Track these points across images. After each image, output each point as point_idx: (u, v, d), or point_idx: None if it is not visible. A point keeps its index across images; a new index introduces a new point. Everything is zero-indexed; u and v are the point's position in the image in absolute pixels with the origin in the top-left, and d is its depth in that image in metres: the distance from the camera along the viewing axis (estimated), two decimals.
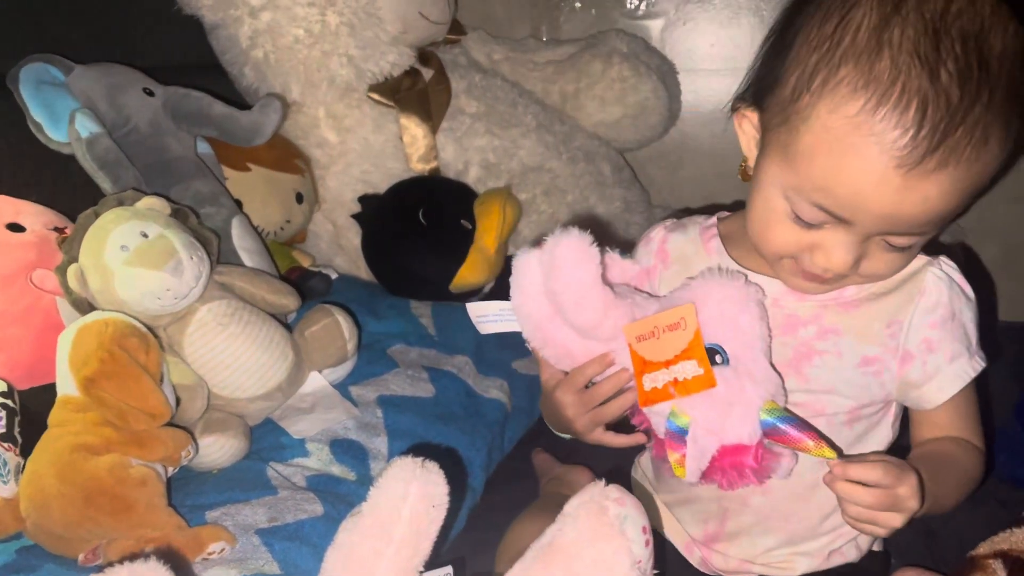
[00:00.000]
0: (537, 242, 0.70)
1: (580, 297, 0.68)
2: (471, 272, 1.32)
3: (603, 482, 0.62)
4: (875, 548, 0.83)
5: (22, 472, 0.81)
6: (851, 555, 0.80)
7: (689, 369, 0.65)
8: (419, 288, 1.33)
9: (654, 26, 1.69)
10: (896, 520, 0.64)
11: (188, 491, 0.89)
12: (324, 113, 1.41)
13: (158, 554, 0.63)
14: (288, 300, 1.06)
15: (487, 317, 0.76)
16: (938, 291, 0.71)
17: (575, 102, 1.60)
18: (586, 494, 0.62)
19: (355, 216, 1.41)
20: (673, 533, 0.85)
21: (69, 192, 1.07)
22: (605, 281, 0.69)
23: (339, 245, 1.46)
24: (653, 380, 0.66)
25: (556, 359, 0.74)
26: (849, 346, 0.71)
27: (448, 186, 1.42)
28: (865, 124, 0.58)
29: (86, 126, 1.05)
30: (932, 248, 0.73)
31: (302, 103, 1.39)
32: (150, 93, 1.17)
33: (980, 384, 0.75)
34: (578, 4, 1.72)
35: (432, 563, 0.64)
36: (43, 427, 0.82)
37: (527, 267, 0.70)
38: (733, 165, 1.69)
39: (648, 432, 0.73)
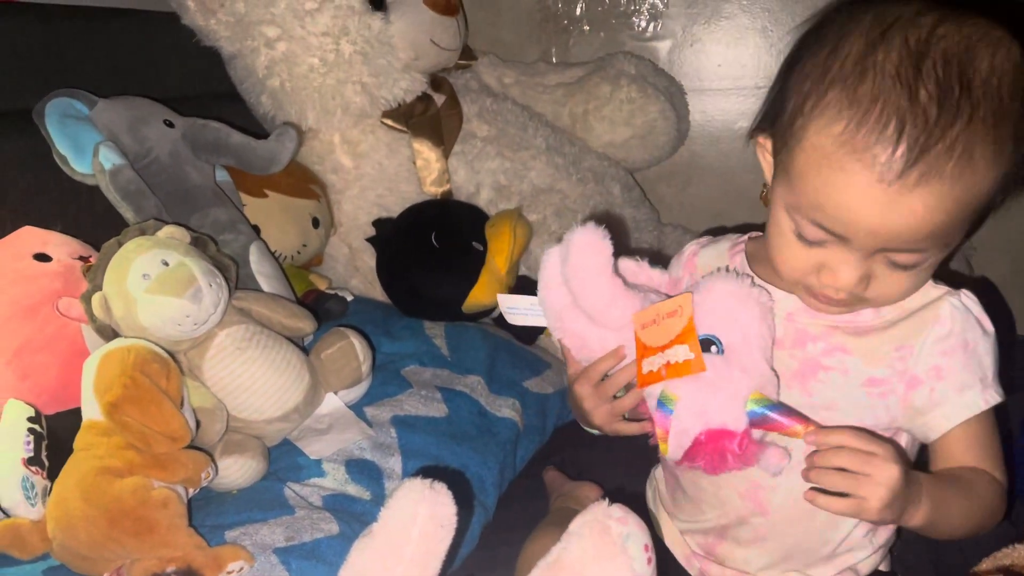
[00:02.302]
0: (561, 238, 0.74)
1: (589, 282, 0.72)
2: (483, 293, 1.34)
3: (607, 501, 0.64)
4: (882, 568, 0.84)
5: (49, 494, 0.84)
6: None
7: (681, 353, 0.68)
8: (432, 309, 1.35)
9: (661, 48, 1.72)
10: (877, 490, 0.63)
11: (208, 511, 0.91)
12: (339, 139, 1.44)
13: (179, 574, 0.66)
14: (304, 324, 1.09)
15: (517, 309, 0.81)
16: (952, 320, 0.71)
17: (584, 124, 1.63)
18: (590, 513, 0.64)
19: (370, 239, 1.44)
20: (674, 544, 0.86)
21: (93, 222, 1.10)
22: (620, 275, 0.73)
23: (355, 267, 1.49)
24: (650, 364, 0.70)
25: (576, 350, 0.78)
26: (856, 365, 0.72)
27: (460, 208, 1.44)
28: (848, 143, 0.61)
29: (109, 158, 1.08)
30: (948, 277, 0.74)
31: (317, 129, 1.43)
32: (170, 124, 1.20)
33: (1000, 418, 0.74)
34: (586, 27, 1.74)
35: None
36: (69, 451, 0.85)
37: (549, 258, 0.75)
38: (741, 183, 1.73)
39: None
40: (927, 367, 0.71)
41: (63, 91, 1.13)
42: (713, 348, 0.68)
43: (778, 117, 0.69)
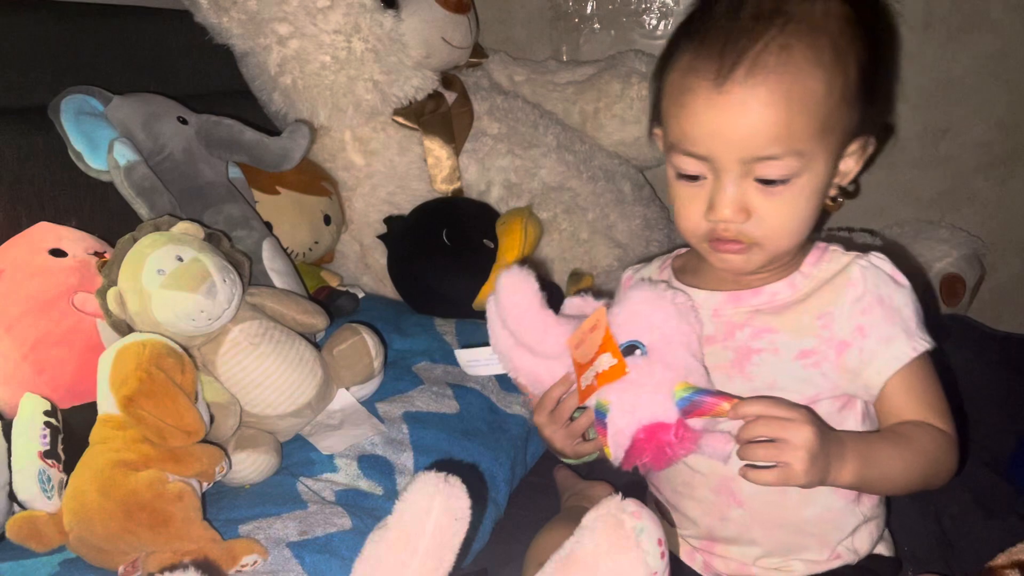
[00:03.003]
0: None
1: (521, 318, 0.77)
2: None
3: (620, 496, 0.65)
4: (884, 552, 0.84)
5: (65, 487, 0.84)
6: (849, 558, 0.81)
7: (606, 361, 0.72)
8: (443, 306, 1.36)
9: None
10: (796, 452, 0.65)
11: (222, 506, 0.92)
12: (350, 136, 1.44)
13: (194, 566, 0.66)
14: (317, 320, 1.09)
15: (477, 361, 0.87)
16: (864, 279, 0.75)
17: (595, 122, 1.63)
18: (603, 507, 0.64)
19: (381, 236, 1.45)
20: (674, 546, 0.87)
21: (108, 218, 1.11)
22: (549, 307, 0.78)
23: (366, 265, 1.49)
24: (585, 379, 0.73)
25: (531, 386, 0.82)
26: (785, 342, 0.76)
27: (471, 206, 1.45)
28: (690, 67, 0.71)
29: (124, 154, 1.09)
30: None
31: (329, 127, 1.43)
32: (184, 121, 1.21)
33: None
34: (597, 26, 1.75)
35: (456, 574, 0.67)
36: (85, 444, 0.85)
37: (489, 307, 0.80)
38: None
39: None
40: (851, 328, 0.74)
41: (78, 88, 1.14)
42: (637, 351, 0.72)
43: (657, 103, 0.78)
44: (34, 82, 1.13)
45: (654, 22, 1.72)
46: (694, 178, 0.73)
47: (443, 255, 1.35)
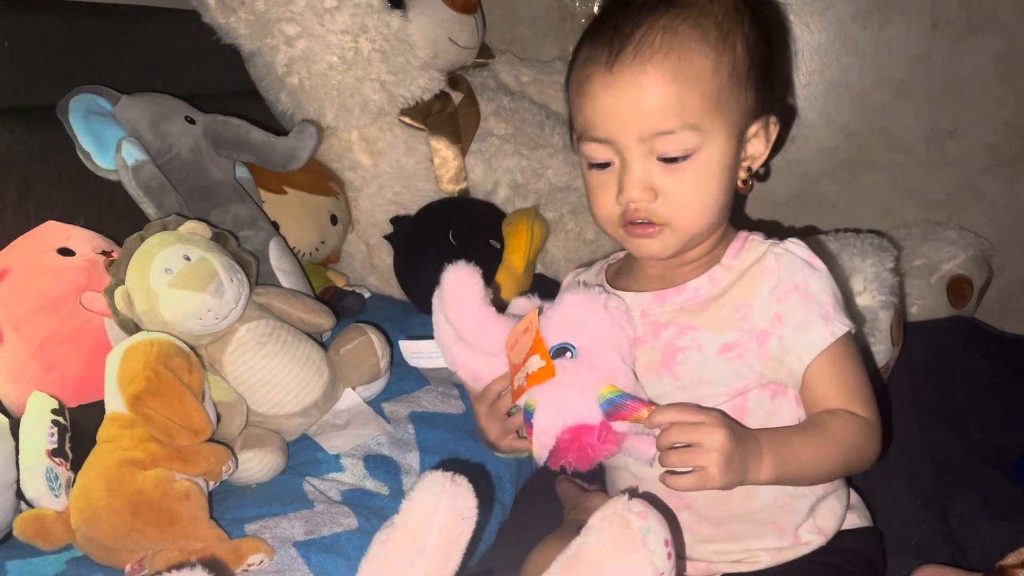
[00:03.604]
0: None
1: (463, 312, 0.79)
2: (500, 291, 1.34)
3: (627, 496, 0.64)
4: (856, 524, 0.84)
5: (73, 486, 0.85)
6: (815, 540, 0.81)
7: (535, 363, 0.73)
8: None
9: None
10: (710, 455, 0.66)
11: (228, 505, 0.92)
12: (357, 137, 1.45)
13: (201, 565, 0.66)
14: (323, 319, 1.09)
15: (421, 353, 0.89)
16: (778, 267, 0.76)
17: None
18: (610, 507, 0.64)
19: (387, 236, 1.45)
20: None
21: (116, 217, 1.11)
22: (498, 307, 0.80)
23: (372, 265, 1.49)
24: (518, 379, 0.75)
25: (470, 380, 0.83)
26: (707, 339, 0.77)
27: (477, 206, 1.45)
28: (586, 57, 0.76)
29: (132, 154, 1.09)
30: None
31: (336, 127, 1.44)
32: (191, 121, 1.21)
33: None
34: None
35: (462, 575, 0.67)
36: (92, 443, 0.86)
37: (435, 300, 0.81)
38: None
39: None
40: (768, 318, 0.75)
41: (87, 87, 1.14)
42: (568, 354, 0.73)
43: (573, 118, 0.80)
44: (43, 81, 1.13)
45: None
46: (603, 166, 0.76)
47: (449, 255, 1.34)
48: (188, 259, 0.94)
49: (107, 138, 1.10)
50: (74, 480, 0.85)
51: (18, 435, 0.86)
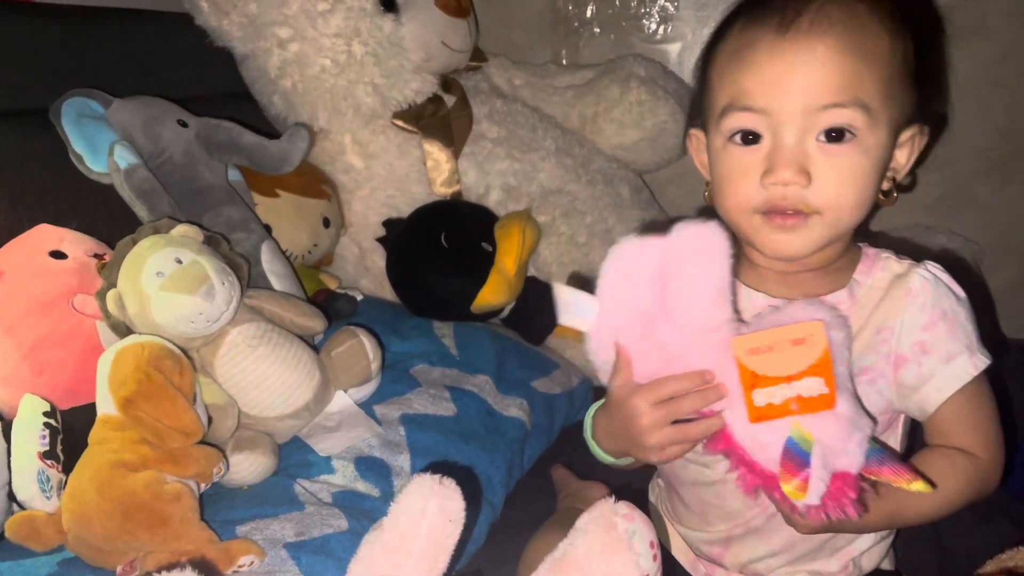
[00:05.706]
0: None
1: (695, 280, 0.64)
2: (492, 293, 1.34)
3: (613, 498, 0.65)
4: (886, 567, 0.84)
5: (64, 488, 0.85)
6: (854, 573, 0.81)
7: (815, 387, 0.62)
8: (441, 309, 1.36)
9: (671, 50, 1.72)
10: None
11: (219, 506, 0.92)
12: (350, 140, 1.45)
13: (192, 566, 0.66)
14: (315, 322, 1.10)
15: (578, 304, 0.69)
16: (925, 292, 0.71)
17: (594, 126, 1.64)
18: (597, 510, 0.65)
19: (380, 239, 1.45)
20: (680, 552, 0.87)
21: (108, 220, 1.11)
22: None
23: (364, 267, 1.50)
24: (769, 395, 0.63)
25: (644, 363, 0.69)
26: (852, 360, 0.71)
27: (470, 210, 1.45)
28: (748, 26, 0.70)
29: (124, 157, 1.09)
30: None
31: (329, 130, 1.44)
32: (184, 124, 1.21)
33: (998, 387, 0.74)
34: (597, 30, 1.75)
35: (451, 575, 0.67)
36: (84, 445, 0.86)
37: (640, 254, 0.66)
38: None
39: (729, 457, 0.68)
40: (910, 344, 0.71)
41: (79, 90, 1.14)
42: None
43: (703, 100, 0.75)
44: (35, 85, 1.13)
45: (654, 26, 1.72)
46: (750, 141, 0.69)
47: (442, 258, 1.36)
48: (180, 262, 0.94)
49: (100, 141, 1.11)
50: (65, 482, 0.85)
51: (10, 437, 0.86)
